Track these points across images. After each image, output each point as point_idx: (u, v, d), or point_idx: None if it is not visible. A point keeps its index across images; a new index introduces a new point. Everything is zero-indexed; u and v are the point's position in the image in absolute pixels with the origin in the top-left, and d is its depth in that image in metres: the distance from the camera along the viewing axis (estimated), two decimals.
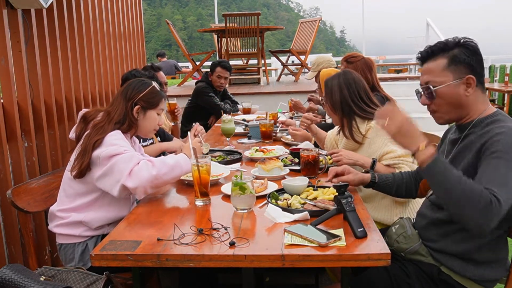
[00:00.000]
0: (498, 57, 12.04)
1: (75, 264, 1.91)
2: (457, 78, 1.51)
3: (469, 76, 1.51)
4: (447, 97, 1.53)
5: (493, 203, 1.30)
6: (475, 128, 1.53)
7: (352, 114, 2.20)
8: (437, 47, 1.56)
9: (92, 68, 3.72)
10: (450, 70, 1.52)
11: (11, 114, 2.49)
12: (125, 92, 2.00)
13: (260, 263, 1.32)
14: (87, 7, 3.66)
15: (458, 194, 1.34)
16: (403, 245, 1.68)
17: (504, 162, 1.36)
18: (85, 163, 1.80)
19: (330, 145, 2.51)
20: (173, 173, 1.81)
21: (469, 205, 1.32)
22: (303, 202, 1.68)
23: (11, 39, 2.52)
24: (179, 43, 7.44)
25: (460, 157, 1.54)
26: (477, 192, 1.32)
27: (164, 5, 64.99)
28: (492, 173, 1.37)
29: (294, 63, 8.64)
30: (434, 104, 1.58)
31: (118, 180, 1.74)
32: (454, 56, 1.52)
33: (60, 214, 1.93)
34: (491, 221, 1.31)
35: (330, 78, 2.27)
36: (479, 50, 1.53)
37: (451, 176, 1.36)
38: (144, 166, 1.75)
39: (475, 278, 1.54)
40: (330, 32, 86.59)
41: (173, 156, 1.88)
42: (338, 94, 2.20)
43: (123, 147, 1.80)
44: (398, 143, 1.49)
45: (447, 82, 1.52)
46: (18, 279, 1.40)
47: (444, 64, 1.53)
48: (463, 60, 1.51)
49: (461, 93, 1.52)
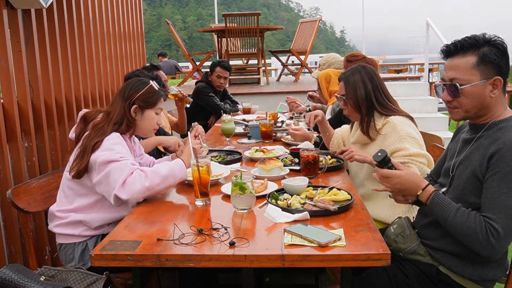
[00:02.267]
0: None
1: (75, 264, 1.91)
2: (485, 78, 1.47)
3: (497, 77, 1.47)
4: (472, 97, 1.49)
5: (489, 233, 1.38)
6: (489, 131, 1.51)
7: (372, 109, 2.14)
8: (467, 42, 1.48)
9: (92, 68, 3.72)
10: (478, 69, 1.46)
11: (11, 114, 2.49)
12: (123, 92, 2.00)
13: (260, 263, 1.32)
14: (87, 7, 3.66)
15: (457, 229, 1.45)
16: (402, 245, 1.68)
17: (504, 184, 1.39)
18: (83, 165, 1.81)
19: (337, 143, 2.48)
20: (166, 182, 1.80)
21: (469, 239, 1.42)
22: (303, 202, 1.68)
23: (11, 39, 2.52)
24: (179, 43, 7.44)
25: (469, 160, 1.53)
26: (472, 226, 1.41)
27: (164, 5, 65.01)
28: (492, 198, 1.41)
29: (294, 63, 8.64)
30: (456, 101, 1.52)
31: (112, 188, 1.75)
32: (484, 55, 1.46)
33: (59, 214, 1.93)
34: (496, 249, 1.39)
35: (350, 74, 2.19)
36: (507, 50, 1.49)
37: (452, 212, 1.45)
38: (137, 177, 1.74)
39: (474, 278, 1.54)
40: (330, 32, 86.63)
41: (168, 164, 1.86)
42: (363, 90, 2.13)
43: (119, 153, 1.80)
44: (400, 197, 1.60)
45: (474, 82, 1.47)
46: (18, 279, 1.40)
47: (474, 62, 1.47)
48: (493, 60, 1.46)
49: (486, 94, 1.48)
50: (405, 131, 2.04)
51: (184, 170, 1.85)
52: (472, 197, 1.48)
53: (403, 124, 2.08)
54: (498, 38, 1.49)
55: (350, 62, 2.83)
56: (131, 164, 1.78)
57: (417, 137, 2.06)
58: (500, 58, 1.47)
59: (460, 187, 1.54)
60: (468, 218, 1.42)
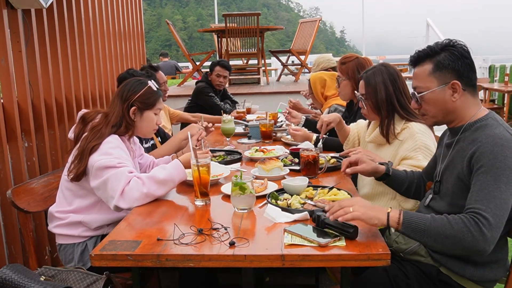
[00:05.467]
0: (498, 57, 12.03)
1: (75, 264, 1.91)
2: (442, 84, 1.53)
3: (454, 81, 1.51)
4: (433, 102, 1.56)
5: (480, 224, 1.34)
6: (466, 133, 1.54)
7: (393, 112, 2.08)
8: (423, 52, 1.57)
9: (92, 68, 3.72)
10: (435, 76, 1.54)
11: (11, 114, 2.49)
12: (121, 93, 1.98)
13: (260, 263, 1.32)
14: (87, 7, 3.66)
15: (445, 233, 1.36)
16: (402, 245, 1.68)
17: (490, 176, 1.39)
18: (81, 169, 1.81)
19: (352, 140, 2.44)
20: (165, 187, 1.80)
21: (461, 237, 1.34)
22: (303, 202, 1.68)
23: (11, 39, 2.52)
24: (179, 43, 7.44)
25: (453, 164, 1.56)
26: (460, 222, 1.35)
27: (164, 5, 64.98)
28: (479, 191, 1.39)
29: (294, 63, 8.64)
30: (422, 108, 1.60)
31: (111, 196, 1.76)
32: (438, 62, 1.53)
33: (58, 215, 1.93)
34: (489, 240, 1.34)
35: (372, 75, 2.12)
36: (468, 52, 1.53)
37: (429, 221, 1.38)
38: (135, 186, 1.74)
39: (474, 278, 1.54)
40: (330, 32, 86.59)
41: (165, 167, 1.84)
42: (384, 92, 2.07)
43: (117, 158, 1.80)
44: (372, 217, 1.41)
45: (432, 88, 1.54)
46: (18, 279, 1.40)
47: (430, 69, 1.54)
48: (447, 66, 1.51)
49: (447, 98, 1.53)
50: (422, 141, 1.98)
51: (182, 171, 1.84)
52: (462, 201, 1.46)
53: (422, 133, 2.01)
54: (457, 42, 1.54)
55: (344, 64, 2.81)
56: (128, 173, 1.77)
57: (433, 149, 1.97)
58: (455, 63, 1.50)
59: (449, 193, 1.55)
60: (450, 218, 1.38)
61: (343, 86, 2.79)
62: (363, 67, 2.71)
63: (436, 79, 1.53)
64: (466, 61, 1.52)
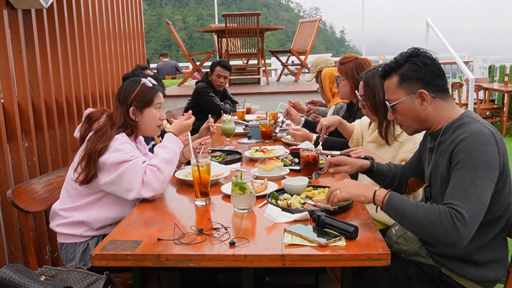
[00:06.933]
0: (498, 57, 12.02)
1: (76, 263, 1.92)
2: (410, 94, 1.56)
3: (420, 90, 1.53)
4: (405, 113, 1.60)
5: (455, 218, 1.34)
6: (446, 135, 1.55)
7: None
8: (389, 66, 1.61)
9: (92, 68, 3.72)
10: (401, 87, 1.57)
11: (11, 114, 2.49)
12: (119, 96, 2.00)
13: (260, 263, 1.32)
14: (87, 7, 3.66)
15: (420, 221, 1.38)
16: (404, 246, 1.68)
17: (466, 172, 1.40)
18: (91, 173, 1.82)
19: (356, 138, 2.44)
20: (174, 164, 1.92)
21: (434, 228, 1.36)
22: (303, 202, 1.68)
23: (11, 39, 2.52)
24: (179, 43, 7.44)
25: (437, 167, 1.57)
26: (436, 213, 1.36)
27: (164, 5, 64.98)
28: (455, 186, 1.41)
29: (294, 63, 8.64)
30: (397, 119, 1.64)
31: (127, 189, 1.79)
32: (403, 74, 1.56)
33: (62, 213, 1.93)
34: (462, 235, 1.34)
35: (371, 76, 2.14)
36: (432, 59, 1.55)
37: (409, 207, 1.41)
38: (151, 175, 1.81)
39: (475, 278, 1.54)
40: (330, 32, 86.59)
41: (164, 145, 1.94)
42: (382, 94, 2.02)
43: (129, 153, 1.83)
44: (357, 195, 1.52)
45: (401, 99, 1.58)
46: (19, 279, 1.40)
47: (396, 82, 1.58)
48: (411, 76, 1.54)
49: (417, 107, 1.56)
50: None
51: (177, 140, 1.99)
52: None
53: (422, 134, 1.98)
54: (420, 51, 1.56)
55: (343, 64, 2.82)
56: (142, 163, 1.83)
57: None
58: (418, 72, 1.53)
59: (439, 195, 1.56)
60: (430, 208, 1.39)
61: (342, 86, 2.80)
62: (362, 67, 2.72)
63: (403, 90, 1.57)
64: (430, 68, 1.53)
